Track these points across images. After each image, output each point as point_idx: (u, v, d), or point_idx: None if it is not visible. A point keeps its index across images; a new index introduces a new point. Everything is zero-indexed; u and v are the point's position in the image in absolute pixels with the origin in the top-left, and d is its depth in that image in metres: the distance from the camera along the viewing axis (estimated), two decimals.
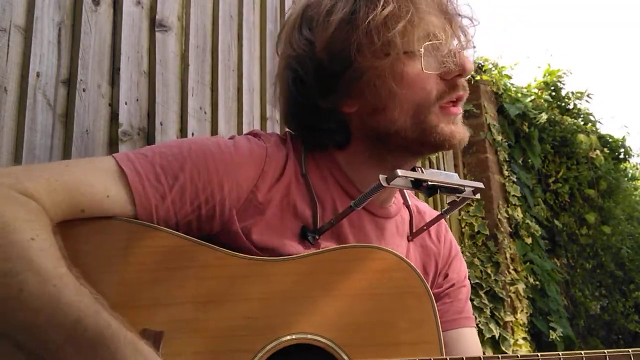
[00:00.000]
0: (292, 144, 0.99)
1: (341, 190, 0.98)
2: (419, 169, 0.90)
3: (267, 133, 1.01)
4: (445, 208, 1.03)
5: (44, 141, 1.12)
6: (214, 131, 1.59)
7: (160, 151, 0.89)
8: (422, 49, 0.90)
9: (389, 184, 0.86)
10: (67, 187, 0.79)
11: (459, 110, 0.95)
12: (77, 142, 1.18)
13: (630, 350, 0.83)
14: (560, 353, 0.83)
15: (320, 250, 0.90)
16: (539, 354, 0.83)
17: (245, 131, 1.69)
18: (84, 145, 1.19)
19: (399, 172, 0.85)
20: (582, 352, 0.83)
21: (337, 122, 0.97)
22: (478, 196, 0.95)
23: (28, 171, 0.80)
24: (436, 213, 1.14)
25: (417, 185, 0.89)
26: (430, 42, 0.91)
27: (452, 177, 0.92)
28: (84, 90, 1.21)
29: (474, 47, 0.99)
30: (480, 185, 0.94)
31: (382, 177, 0.86)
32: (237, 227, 0.89)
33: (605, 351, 0.83)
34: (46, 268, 0.69)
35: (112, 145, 1.26)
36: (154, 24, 1.43)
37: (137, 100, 1.35)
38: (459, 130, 0.94)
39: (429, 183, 0.88)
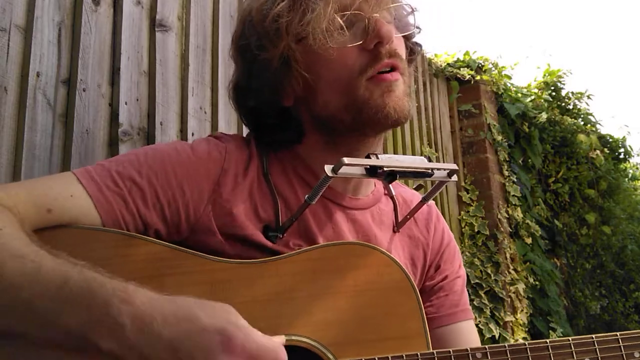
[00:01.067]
0: (255, 144, 0.98)
1: (305, 185, 0.96)
2: (374, 155, 0.86)
3: (229, 134, 1.01)
4: (425, 194, 0.99)
5: (44, 141, 1.12)
6: (214, 131, 1.59)
7: (117, 159, 0.89)
8: (324, 26, 0.87)
9: (336, 174, 0.82)
10: (28, 190, 0.80)
11: (393, 77, 0.90)
12: (77, 142, 1.17)
13: (618, 334, 0.84)
14: (547, 340, 0.82)
15: (303, 249, 0.89)
16: (526, 342, 0.82)
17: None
18: (84, 145, 1.19)
19: (345, 160, 0.82)
20: (570, 337, 0.83)
21: (284, 117, 0.97)
22: (455, 178, 0.90)
23: None
24: (418, 197, 1.10)
25: (373, 172, 0.85)
26: (338, 16, 0.88)
27: (417, 162, 0.88)
28: (84, 90, 1.21)
29: (414, 10, 0.96)
30: (454, 166, 0.89)
31: (327, 167, 0.83)
32: (214, 225, 0.89)
33: (593, 336, 0.83)
34: (20, 248, 0.69)
35: (112, 145, 1.26)
36: (154, 24, 1.43)
37: (137, 100, 1.35)
38: (392, 99, 0.89)
39: (385, 169, 0.84)
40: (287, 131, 0.97)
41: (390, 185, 1.07)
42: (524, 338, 3.15)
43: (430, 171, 0.87)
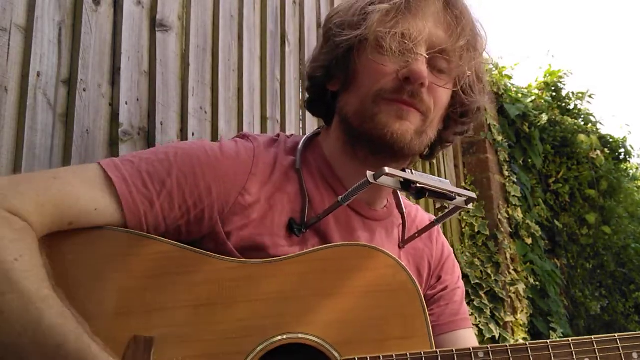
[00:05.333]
0: (285, 143, 1.01)
1: (329, 188, 0.99)
2: (409, 170, 0.90)
3: (257, 134, 1.03)
4: (438, 217, 1.03)
5: (44, 141, 1.12)
6: (214, 131, 1.59)
7: (146, 157, 0.89)
8: (388, 42, 0.91)
9: (375, 181, 0.85)
10: (55, 201, 0.79)
11: (407, 107, 0.93)
12: (78, 142, 1.17)
13: (616, 335, 0.85)
14: (548, 341, 0.84)
15: (309, 250, 0.90)
16: (527, 342, 0.84)
17: (245, 131, 1.69)
18: (84, 145, 1.19)
19: (386, 169, 0.85)
20: (570, 338, 0.84)
21: (324, 95, 1.03)
22: (471, 207, 0.94)
23: (15, 185, 0.79)
24: (428, 217, 1.14)
25: (406, 186, 0.88)
26: (399, 41, 0.92)
27: (444, 183, 0.91)
28: (84, 90, 1.21)
29: (467, 75, 0.97)
30: (473, 195, 0.93)
31: (369, 173, 0.86)
32: (221, 230, 0.90)
33: (592, 337, 0.84)
34: (29, 290, 0.69)
35: (113, 145, 1.26)
36: (155, 24, 1.43)
37: (138, 100, 1.35)
38: (395, 123, 0.92)
39: (418, 185, 0.88)
40: (322, 105, 1.05)
41: (402, 202, 1.11)
42: (524, 338, 3.15)
43: (453, 195, 0.91)
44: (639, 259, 5.10)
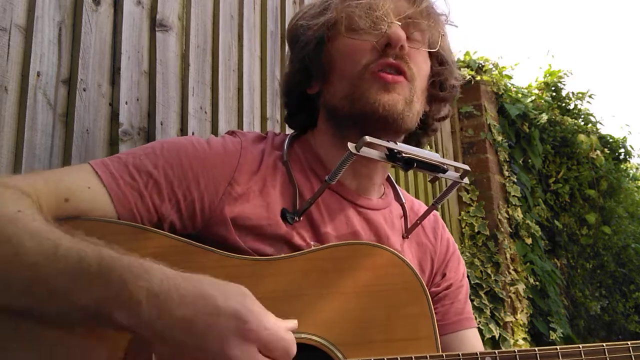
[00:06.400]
0: (272, 139, 1.03)
1: (317, 177, 1.00)
2: (393, 142, 0.89)
3: (245, 131, 1.05)
4: (435, 198, 1.01)
5: (45, 141, 1.12)
6: (215, 131, 1.59)
7: (133, 152, 0.91)
8: (357, 18, 0.94)
9: (358, 152, 0.84)
10: (47, 180, 0.82)
11: (393, 78, 0.94)
12: (78, 142, 1.17)
13: (629, 342, 0.83)
14: (557, 347, 0.82)
15: (314, 248, 0.89)
16: (536, 348, 0.82)
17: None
18: (85, 145, 1.19)
19: (367, 138, 0.84)
20: (580, 345, 0.82)
21: (305, 103, 1.05)
22: (466, 180, 0.92)
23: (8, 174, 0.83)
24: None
25: (392, 157, 0.87)
26: (368, 13, 0.94)
27: (433, 155, 0.89)
28: (84, 90, 1.21)
29: (441, 34, 1.01)
30: (467, 167, 0.92)
31: (350, 145, 0.85)
32: (227, 218, 0.90)
33: (604, 344, 0.82)
34: (38, 227, 0.71)
35: (113, 145, 1.26)
36: (155, 24, 1.43)
37: (138, 100, 1.35)
38: (384, 96, 0.93)
39: (404, 155, 0.86)
40: (304, 115, 1.06)
41: (400, 193, 1.10)
42: (524, 339, 3.15)
43: (445, 167, 0.89)
44: (639, 259, 5.10)
